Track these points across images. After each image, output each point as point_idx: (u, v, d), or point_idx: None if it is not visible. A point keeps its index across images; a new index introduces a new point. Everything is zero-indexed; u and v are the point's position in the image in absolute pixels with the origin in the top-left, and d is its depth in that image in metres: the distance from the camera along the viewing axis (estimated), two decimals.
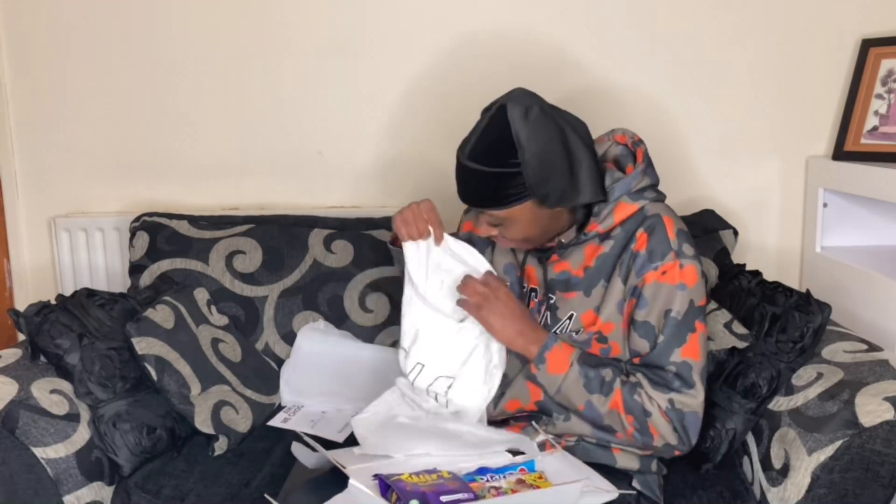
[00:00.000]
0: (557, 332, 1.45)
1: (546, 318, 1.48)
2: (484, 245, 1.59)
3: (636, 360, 1.41)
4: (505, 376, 1.49)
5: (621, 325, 1.42)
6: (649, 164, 1.46)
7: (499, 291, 1.43)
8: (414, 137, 2.20)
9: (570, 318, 1.45)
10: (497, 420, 1.51)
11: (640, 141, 1.48)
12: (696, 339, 1.38)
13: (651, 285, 1.38)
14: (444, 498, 1.21)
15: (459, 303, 1.45)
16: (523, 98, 1.35)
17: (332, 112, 2.20)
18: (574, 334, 1.43)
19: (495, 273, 1.49)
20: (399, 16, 2.15)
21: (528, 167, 1.32)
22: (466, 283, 1.44)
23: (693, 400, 1.38)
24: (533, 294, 1.51)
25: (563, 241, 1.46)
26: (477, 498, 1.23)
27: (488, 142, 1.34)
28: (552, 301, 1.47)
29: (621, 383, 1.38)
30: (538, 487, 1.28)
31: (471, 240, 1.60)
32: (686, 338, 1.38)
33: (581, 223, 1.45)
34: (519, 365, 1.48)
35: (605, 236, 1.44)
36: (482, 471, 1.34)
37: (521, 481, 1.29)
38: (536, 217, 1.39)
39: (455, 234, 1.70)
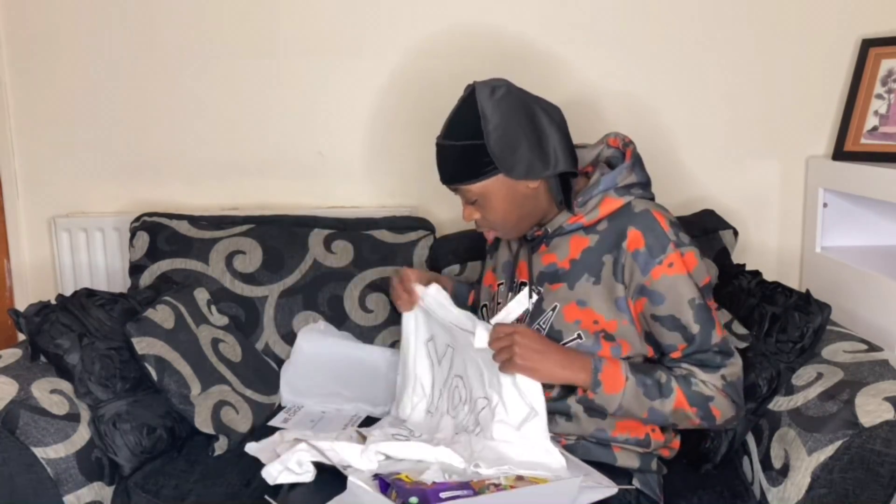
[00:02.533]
0: (541, 324, 1.44)
1: (530, 309, 1.47)
2: (493, 248, 1.62)
3: (675, 355, 1.42)
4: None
5: (623, 322, 1.42)
6: (637, 162, 1.48)
7: (516, 335, 1.38)
8: (415, 137, 2.20)
9: (553, 309, 1.44)
10: None
11: (631, 142, 1.51)
12: (716, 316, 1.43)
13: (661, 280, 1.38)
14: (443, 495, 1.21)
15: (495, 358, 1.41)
16: (494, 80, 1.43)
17: (332, 112, 2.20)
18: (580, 339, 1.42)
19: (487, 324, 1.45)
20: (399, 15, 2.15)
21: (491, 137, 1.38)
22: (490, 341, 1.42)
23: (736, 367, 1.43)
24: (523, 287, 1.51)
25: (548, 230, 1.47)
26: (476, 494, 1.24)
27: (457, 119, 1.43)
28: (540, 293, 1.47)
29: (676, 380, 1.39)
30: (537, 483, 1.28)
31: (497, 239, 1.62)
32: (712, 318, 1.42)
33: (567, 208, 1.46)
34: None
35: (589, 229, 1.45)
36: None
37: (520, 478, 1.29)
38: (510, 193, 1.42)
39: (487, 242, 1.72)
